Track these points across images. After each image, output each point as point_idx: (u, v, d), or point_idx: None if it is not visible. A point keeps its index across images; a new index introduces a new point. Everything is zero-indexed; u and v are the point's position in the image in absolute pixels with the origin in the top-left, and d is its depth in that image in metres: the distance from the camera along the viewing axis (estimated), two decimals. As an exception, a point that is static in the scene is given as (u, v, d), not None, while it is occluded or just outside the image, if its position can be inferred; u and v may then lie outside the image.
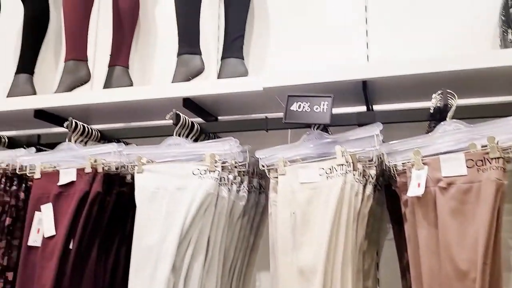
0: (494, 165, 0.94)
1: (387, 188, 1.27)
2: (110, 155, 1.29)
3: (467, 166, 0.98)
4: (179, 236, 1.10)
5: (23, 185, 1.39)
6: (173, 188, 1.17)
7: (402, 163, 1.10)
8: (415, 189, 1.01)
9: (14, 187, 1.37)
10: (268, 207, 1.21)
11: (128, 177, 1.32)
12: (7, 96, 1.63)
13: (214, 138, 1.41)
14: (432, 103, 1.11)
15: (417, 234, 1.01)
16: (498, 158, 0.94)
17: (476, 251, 0.91)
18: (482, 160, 0.96)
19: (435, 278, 0.96)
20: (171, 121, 1.27)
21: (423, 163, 1.03)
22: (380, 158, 1.16)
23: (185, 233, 1.11)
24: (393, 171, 1.12)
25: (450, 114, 1.07)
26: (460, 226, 0.95)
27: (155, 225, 1.13)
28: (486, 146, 0.97)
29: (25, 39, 1.73)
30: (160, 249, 1.10)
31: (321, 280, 1.01)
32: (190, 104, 1.38)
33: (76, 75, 1.54)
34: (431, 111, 1.13)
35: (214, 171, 1.16)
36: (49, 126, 1.56)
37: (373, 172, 1.15)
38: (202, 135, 1.38)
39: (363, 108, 1.33)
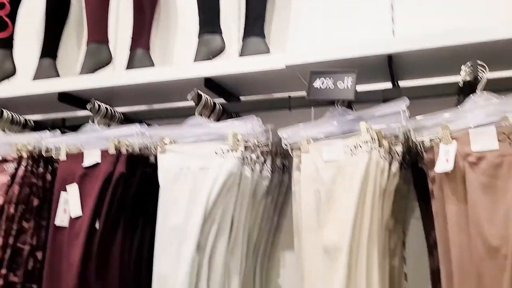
0: (528, 139, 0.90)
1: (414, 166, 1.22)
2: (133, 137, 1.30)
3: (498, 140, 0.94)
4: (203, 215, 1.10)
5: (49, 167, 1.41)
6: (196, 168, 1.17)
7: (430, 139, 1.06)
8: (443, 164, 0.98)
9: (40, 169, 1.39)
10: (292, 186, 1.20)
11: (151, 158, 1.33)
12: (32, 79, 1.65)
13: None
14: (461, 76, 1.06)
15: (446, 210, 0.99)
16: (532, 131, 0.90)
17: (508, 226, 0.88)
18: (515, 134, 0.93)
19: (464, 255, 0.93)
20: (193, 102, 1.26)
21: (451, 138, 1.00)
22: (407, 134, 1.13)
23: (209, 213, 1.11)
24: (420, 148, 1.09)
25: (480, 86, 1.02)
26: (491, 202, 0.92)
27: (179, 205, 1.14)
28: (519, 119, 0.93)
29: (47, 23, 1.74)
30: (185, 229, 1.11)
31: (346, 258, 1.00)
32: (211, 84, 1.37)
33: (98, 57, 1.55)
34: (460, 84, 1.08)
35: (236, 151, 1.15)
36: (73, 110, 1.58)
37: (399, 149, 1.11)
38: (224, 115, 1.37)
39: (388, 85, 1.29)
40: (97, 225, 1.22)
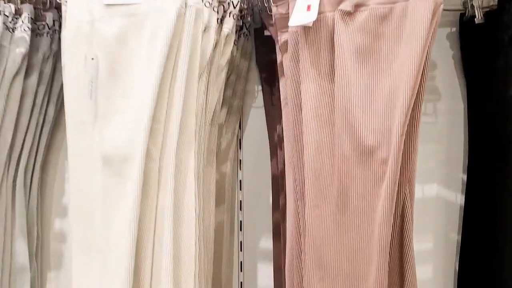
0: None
1: (258, 34, 0.91)
2: None
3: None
4: None
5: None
6: None
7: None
8: (302, 14, 0.60)
9: None
10: (62, 55, 0.75)
11: None
12: None
13: None
14: None
15: (300, 91, 0.63)
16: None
17: (391, 115, 0.56)
18: (411, -35, 0.58)
19: (324, 157, 0.60)
20: None
21: (317, -28, 0.61)
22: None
23: None
24: (268, -2, 0.72)
25: None
26: (370, 76, 0.59)
27: None
28: None
29: None
30: None
31: (140, 170, 0.61)
32: None
33: None
34: None
35: None
36: None
37: (235, -2, 0.73)
38: None
39: None
40: None
